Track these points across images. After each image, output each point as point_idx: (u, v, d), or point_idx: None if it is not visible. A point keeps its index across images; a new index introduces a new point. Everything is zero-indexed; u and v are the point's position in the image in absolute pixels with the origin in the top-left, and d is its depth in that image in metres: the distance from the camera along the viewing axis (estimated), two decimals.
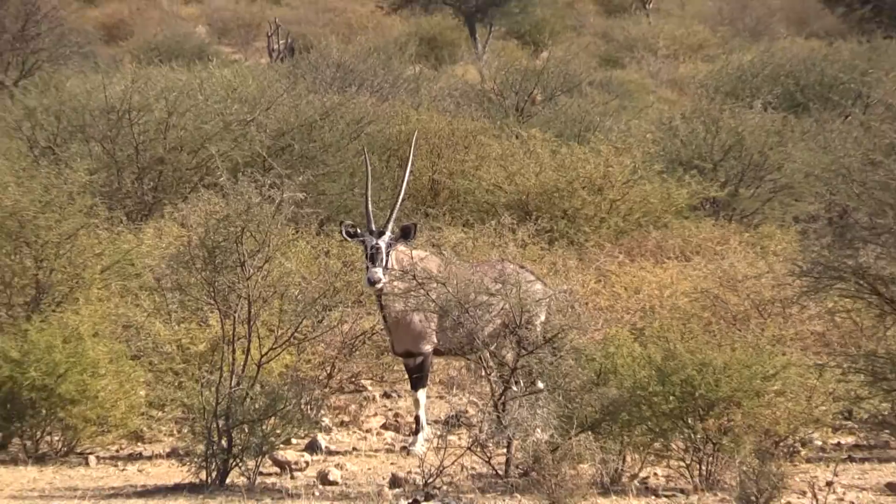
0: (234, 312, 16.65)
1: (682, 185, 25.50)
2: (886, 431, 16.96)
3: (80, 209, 19.74)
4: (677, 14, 59.57)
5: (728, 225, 25.09)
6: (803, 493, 15.29)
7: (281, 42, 47.98)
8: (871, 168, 15.38)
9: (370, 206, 17.54)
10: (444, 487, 15.48)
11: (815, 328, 18.32)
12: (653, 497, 15.73)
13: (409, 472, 16.41)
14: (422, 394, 17.69)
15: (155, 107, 26.55)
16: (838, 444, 17.65)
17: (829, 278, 15.56)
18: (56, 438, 17.52)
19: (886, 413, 16.02)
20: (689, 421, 15.86)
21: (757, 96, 31.56)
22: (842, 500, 15.49)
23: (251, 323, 16.65)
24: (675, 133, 28.45)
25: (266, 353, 16.82)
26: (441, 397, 19.00)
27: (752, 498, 15.07)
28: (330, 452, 17.73)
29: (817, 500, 15.03)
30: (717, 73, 37.54)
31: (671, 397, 15.78)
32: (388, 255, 17.33)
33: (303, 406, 16.71)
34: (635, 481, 16.03)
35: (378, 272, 17.27)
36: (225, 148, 24.90)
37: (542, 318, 16.99)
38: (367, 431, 18.89)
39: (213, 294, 16.85)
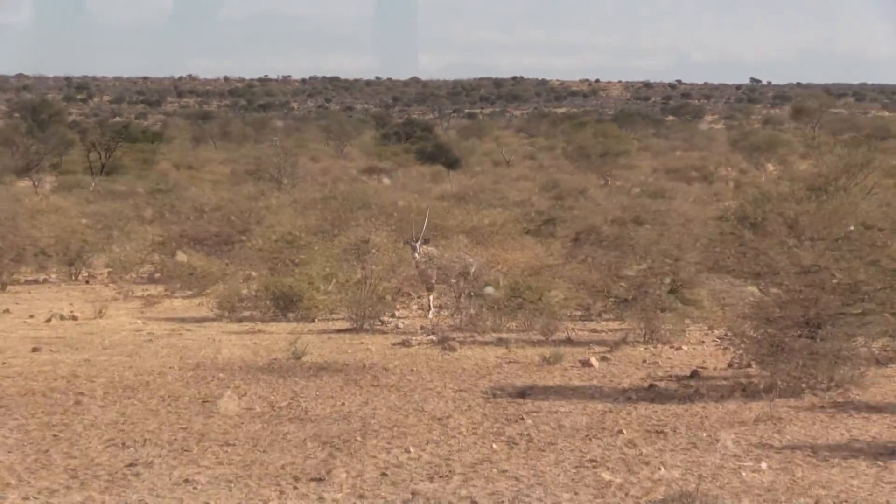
0: (367, 268, 16.65)
1: (523, 227, 25.35)
2: (602, 315, 16.94)
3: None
4: (522, 167, 59.13)
5: (542, 239, 24.96)
6: (564, 332, 15.34)
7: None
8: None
9: (413, 232, 17.55)
10: (439, 328, 15.49)
11: (573, 274, 18.21)
12: (511, 333, 15.67)
13: (427, 324, 16.45)
14: (431, 296, 17.69)
15: None
16: (580, 315, 17.59)
17: (577, 257, 15.56)
18: (301, 314, 16.94)
19: (602, 309, 16.01)
20: (524, 305, 15.89)
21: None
22: (579, 336, 15.51)
23: (372, 271, 16.61)
24: (522, 208, 28.19)
25: (377, 283, 16.83)
26: (437, 298, 18.91)
27: (545, 333, 15.10)
28: (399, 318, 17.68)
29: (569, 335, 15.04)
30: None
31: (519, 297, 15.82)
32: (419, 248, 17.33)
33: (390, 300, 16.71)
34: (506, 326, 16.07)
35: (416, 255, 17.29)
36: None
37: (473, 270, 17.01)
38: (412, 310, 18.80)
39: (359, 261, 16.81)
